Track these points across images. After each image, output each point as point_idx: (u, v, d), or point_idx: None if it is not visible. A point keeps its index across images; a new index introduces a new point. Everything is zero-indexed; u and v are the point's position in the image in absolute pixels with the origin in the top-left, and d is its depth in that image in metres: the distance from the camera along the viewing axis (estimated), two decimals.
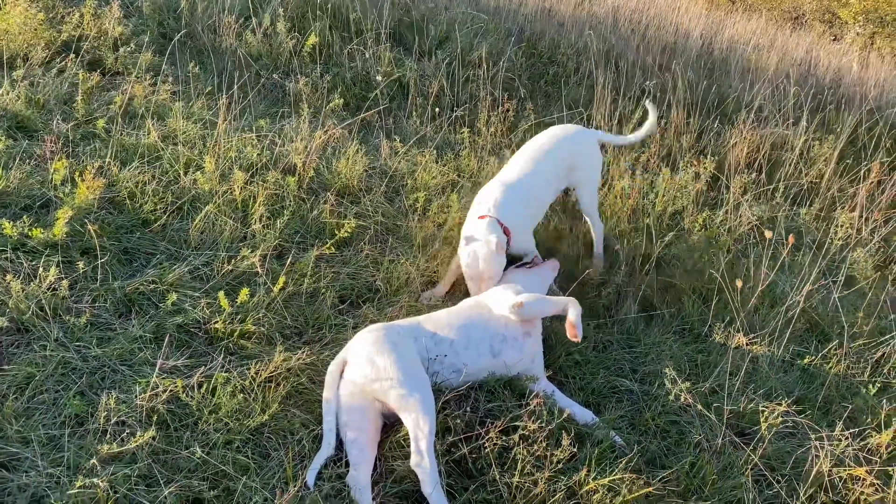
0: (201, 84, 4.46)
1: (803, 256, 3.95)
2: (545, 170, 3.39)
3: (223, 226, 3.28)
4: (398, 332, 2.65)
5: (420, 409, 2.40)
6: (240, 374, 2.60)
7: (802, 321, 3.53)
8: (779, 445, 2.83)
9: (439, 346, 2.70)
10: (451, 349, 2.72)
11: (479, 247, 3.03)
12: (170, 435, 2.36)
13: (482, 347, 2.77)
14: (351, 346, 2.60)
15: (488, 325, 2.82)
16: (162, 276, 2.95)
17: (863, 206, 4.46)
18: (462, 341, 2.75)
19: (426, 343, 2.69)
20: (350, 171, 3.86)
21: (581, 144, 3.58)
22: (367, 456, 2.41)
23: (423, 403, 2.41)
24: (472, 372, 2.73)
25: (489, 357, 2.77)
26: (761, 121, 5.27)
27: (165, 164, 3.57)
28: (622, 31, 7.05)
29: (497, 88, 5.12)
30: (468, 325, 2.80)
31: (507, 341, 2.81)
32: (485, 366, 2.76)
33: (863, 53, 9.04)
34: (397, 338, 2.60)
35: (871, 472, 2.67)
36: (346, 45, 5.23)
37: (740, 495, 2.59)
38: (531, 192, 3.32)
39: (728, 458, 2.71)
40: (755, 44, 7.98)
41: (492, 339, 2.79)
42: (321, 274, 3.18)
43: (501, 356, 2.78)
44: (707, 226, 4.09)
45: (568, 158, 3.48)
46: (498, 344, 2.79)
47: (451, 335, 2.74)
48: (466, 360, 2.71)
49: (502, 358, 2.78)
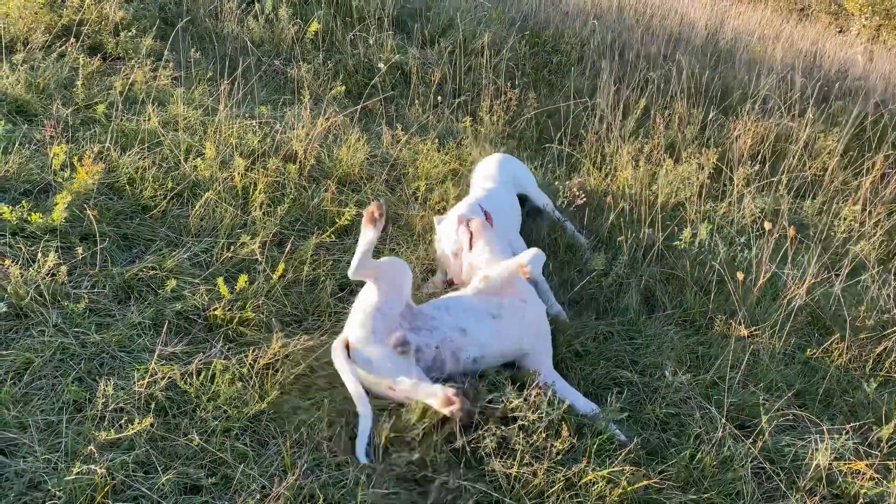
0: (202, 70, 4.43)
1: (806, 249, 3.93)
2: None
3: (223, 213, 3.26)
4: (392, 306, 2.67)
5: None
6: (238, 361, 2.59)
7: (804, 314, 3.51)
8: (779, 438, 2.82)
9: (438, 314, 2.73)
10: (450, 318, 2.74)
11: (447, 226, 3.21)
12: (168, 422, 2.36)
13: (480, 312, 2.78)
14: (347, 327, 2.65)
15: (481, 297, 2.85)
16: (161, 262, 2.94)
17: (866, 199, 4.44)
18: (458, 312, 2.77)
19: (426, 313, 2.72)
20: (351, 159, 3.84)
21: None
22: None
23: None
24: (482, 341, 2.73)
25: (489, 319, 2.77)
26: (766, 112, 5.24)
27: (166, 149, 3.55)
28: (627, 20, 7.00)
29: (500, 77, 5.10)
30: (461, 299, 2.85)
31: (504, 306, 2.82)
32: (489, 330, 2.75)
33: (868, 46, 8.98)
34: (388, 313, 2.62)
35: (871, 467, 2.66)
36: (348, 31, 5.19)
37: (740, 488, 2.58)
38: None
39: (728, 450, 2.70)
40: (760, 35, 7.93)
41: (488, 306, 2.81)
42: (321, 261, 3.17)
43: (503, 319, 2.79)
44: (710, 217, 4.06)
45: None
46: (496, 308, 2.81)
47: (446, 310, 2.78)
48: (468, 324, 2.73)
49: (504, 321, 2.79)
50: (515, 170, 3.95)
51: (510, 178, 3.84)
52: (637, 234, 3.75)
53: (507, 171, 3.85)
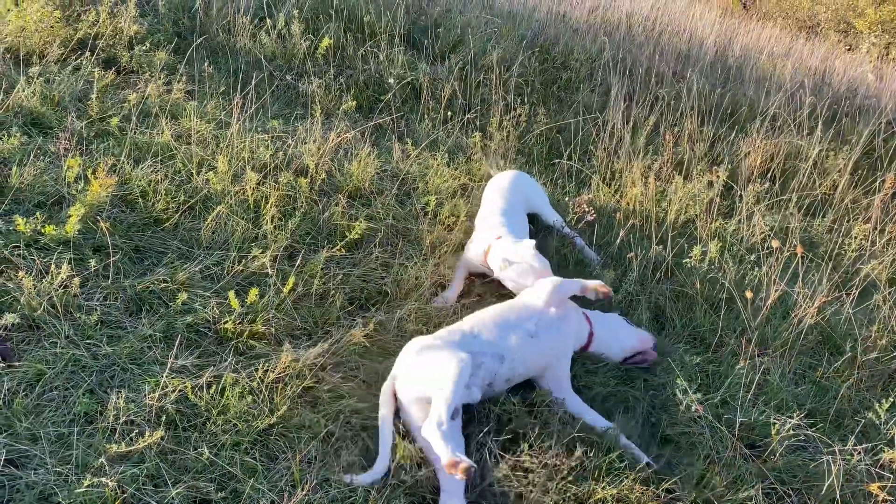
0: (215, 84, 4.47)
1: (816, 268, 3.91)
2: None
3: (235, 226, 3.28)
4: (437, 337, 2.74)
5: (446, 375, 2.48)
6: (248, 374, 2.59)
7: (815, 333, 3.49)
8: (790, 459, 2.80)
9: (477, 338, 2.77)
10: (490, 339, 2.78)
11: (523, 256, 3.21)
12: (178, 435, 2.36)
13: (519, 331, 2.84)
14: (396, 367, 2.69)
15: (521, 312, 2.93)
16: (173, 275, 2.95)
17: (877, 218, 4.43)
18: (499, 330, 2.82)
19: (467, 340, 2.75)
20: (362, 174, 3.85)
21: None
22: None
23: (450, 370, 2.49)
24: (518, 358, 2.78)
25: (527, 338, 2.83)
26: (775, 130, 5.24)
27: (178, 163, 3.57)
28: (636, 37, 7.03)
29: (510, 93, 5.12)
30: (503, 315, 2.91)
31: (542, 323, 2.89)
32: (526, 351, 2.80)
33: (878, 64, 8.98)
34: (436, 342, 2.69)
35: (883, 489, 2.64)
36: (359, 47, 5.23)
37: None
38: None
39: (738, 470, 2.69)
40: (769, 52, 7.94)
41: (527, 322, 2.87)
42: (331, 275, 3.18)
43: (539, 336, 2.85)
44: (720, 235, 4.06)
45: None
46: (533, 326, 2.87)
47: (489, 325, 2.83)
48: (506, 347, 2.77)
49: (541, 338, 2.85)
50: (528, 188, 3.96)
51: (522, 196, 3.85)
52: (647, 251, 3.75)
53: (519, 190, 3.86)
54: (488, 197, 3.84)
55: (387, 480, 2.39)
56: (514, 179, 3.95)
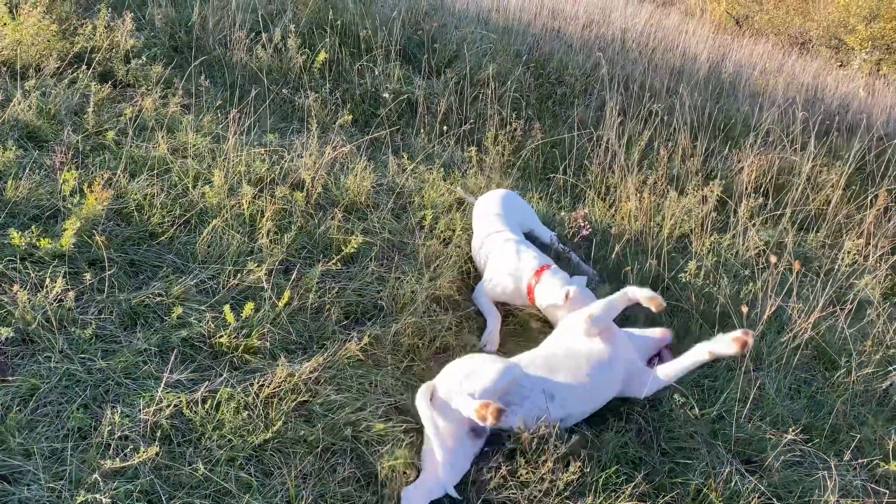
0: (211, 98, 4.48)
1: (811, 283, 3.93)
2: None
3: (230, 240, 3.28)
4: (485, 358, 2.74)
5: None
6: (243, 389, 2.58)
7: (810, 349, 3.50)
8: (786, 474, 2.80)
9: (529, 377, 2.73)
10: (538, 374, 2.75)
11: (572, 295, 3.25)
12: (173, 450, 2.35)
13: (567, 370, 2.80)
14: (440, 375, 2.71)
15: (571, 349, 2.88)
16: (168, 289, 2.94)
17: (870, 233, 4.45)
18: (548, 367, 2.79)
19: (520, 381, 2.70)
20: (358, 188, 3.86)
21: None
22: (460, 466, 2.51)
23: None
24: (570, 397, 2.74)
25: (583, 378, 2.79)
26: (768, 145, 5.28)
27: (174, 176, 3.57)
28: (630, 53, 7.08)
29: (505, 108, 5.14)
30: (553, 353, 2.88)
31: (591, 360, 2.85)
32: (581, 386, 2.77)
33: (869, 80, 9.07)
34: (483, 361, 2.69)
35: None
36: (355, 61, 5.25)
37: None
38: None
39: (735, 485, 2.68)
40: (762, 68, 8.01)
41: (578, 360, 2.83)
42: (326, 289, 3.17)
43: (593, 376, 2.81)
44: (714, 250, 4.08)
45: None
46: (584, 364, 2.82)
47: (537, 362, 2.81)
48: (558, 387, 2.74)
49: (596, 378, 2.81)
50: (519, 206, 3.97)
51: (517, 217, 3.85)
52: (642, 266, 3.75)
53: (513, 210, 3.86)
54: (486, 221, 3.79)
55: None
56: (505, 199, 3.93)
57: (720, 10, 11.96)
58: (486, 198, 3.99)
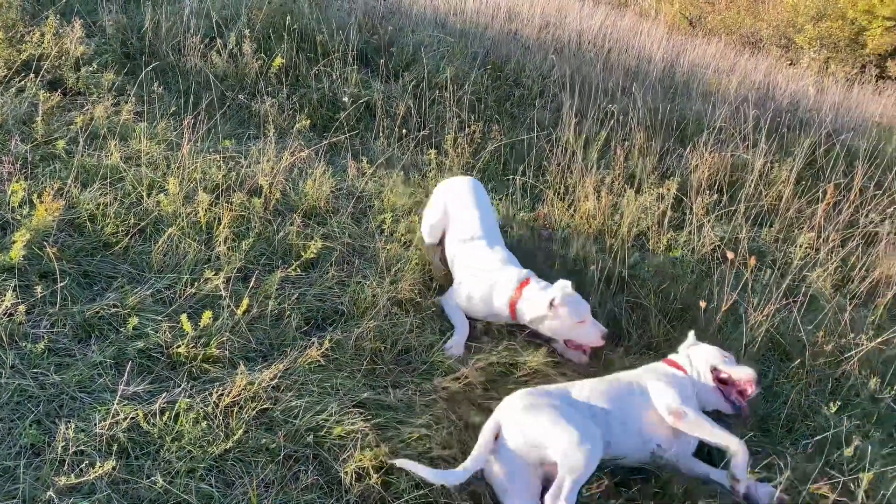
0: (165, 105, 4.41)
1: (765, 276, 4.02)
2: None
3: (187, 248, 3.23)
4: (552, 395, 2.68)
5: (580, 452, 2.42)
6: (203, 399, 2.54)
7: (765, 341, 3.58)
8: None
9: (594, 417, 2.67)
10: (605, 421, 2.68)
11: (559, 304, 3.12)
12: (130, 464, 2.31)
13: (632, 428, 2.73)
14: (503, 412, 2.62)
15: (643, 408, 2.78)
16: (123, 299, 2.89)
17: (820, 226, 4.57)
18: (618, 415, 2.72)
19: (583, 412, 2.66)
20: (317, 193, 3.84)
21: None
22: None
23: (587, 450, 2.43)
24: (620, 451, 2.71)
25: (638, 440, 2.73)
26: (721, 143, 5.39)
27: (128, 185, 3.51)
28: (586, 54, 7.17)
29: (463, 110, 5.16)
30: (625, 401, 2.78)
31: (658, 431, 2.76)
32: (633, 447, 2.73)
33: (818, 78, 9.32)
34: (551, 398, 2.64)
35: (835, 490, 2.70)
36: (312, 66, 5.22)
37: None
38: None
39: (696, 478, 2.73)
40: (715, 67, 8.18)
41: (644, 424, 2.75)
42: (286, 295, 3.15)
43: (651, 443, 2.74)
44: (671, 246, 4.15)
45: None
46: (649, 431, 2.75)
47: (607, 407, 2.72)
48: (615, 438, 2.68)
49: (652, 444, 2.74)
50: (485, 197, 3.78)
51: (490, 215, 3.66)
52: (601, 264, 3.80)
53: (486, 206, 3.67)
54: (461, 220, 3.56)
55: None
56: (474, 189, 3.71)
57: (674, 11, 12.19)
58: (452, 187, 3.73)
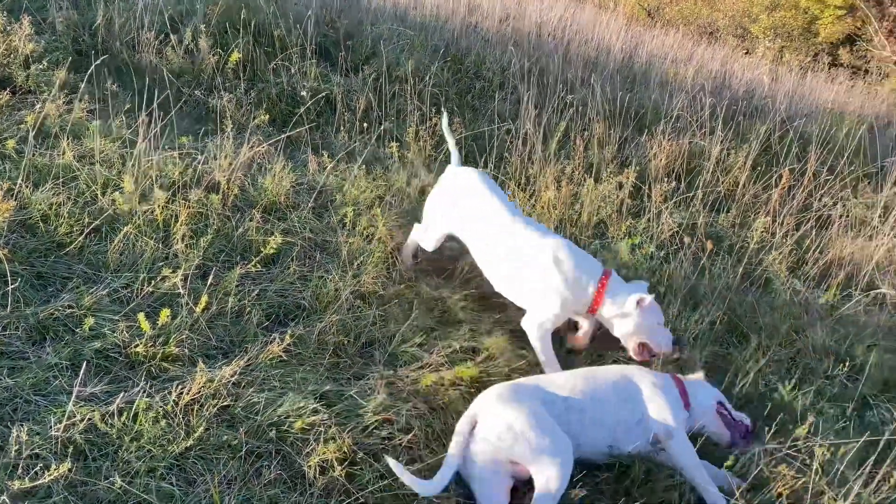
0: (120, 102, 4.33)
1: (723, 261, 4.10)
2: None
3: (144, 246, 3.18)
4: (528, 392, 2.65)
5: (554, 468, 2.42)
6: (162, 398, 2.51)
7: (722, 323, 3.65)
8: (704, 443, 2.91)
9: (569, 413, 2.65)
10: (579, 419, 2.66)
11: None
12: (88, 466, 2.27)
13: (604, 430, 2.70)
14: (480, 405, 2.60)
15: (624, 408, 2.75)
16: (78, 300, 2.84)
17: (776, 210, 4.67)
18: (592, 415, 2.69)
19: (557, 408, 2.64)
20: (277, 188, 3.81)
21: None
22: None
23: (560, 464, 2.44)
24: (587, 451, 2.69)
25: (608, 440, 2.71)
26: (679, 131, 5.46)
27: (82, 184, 3.44)
28: (545, 46, 7.21)
29: (425, 103, 5.16)
30: (604, 400, 2.74)
31: (631, 434, 2.73)
32: (600, 448, 2.72)
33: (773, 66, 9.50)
34: (527, 397, 2.61)
35: (792, 467, 2.76)
36: (270, 61, 5.17)
37: (672, 497, 2.66)
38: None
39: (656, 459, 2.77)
40: (673, 58, 8.28)
41: (618, 425, 2.72)
42: (246, 292, 3.12)
43: (619, 445, 2.72)
44: (630, 234, 4.20)
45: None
46: (622, 433, 2.72)
47: (584, 404, 2.69)
48: (586, 438, 2.66)
49: (619, 446, 2.72)
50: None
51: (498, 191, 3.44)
52: None
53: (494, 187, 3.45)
54: (480, 205, 3.30)
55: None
56: (487, 181, 3.44)
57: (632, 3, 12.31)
58: (460, 179, 3.44)
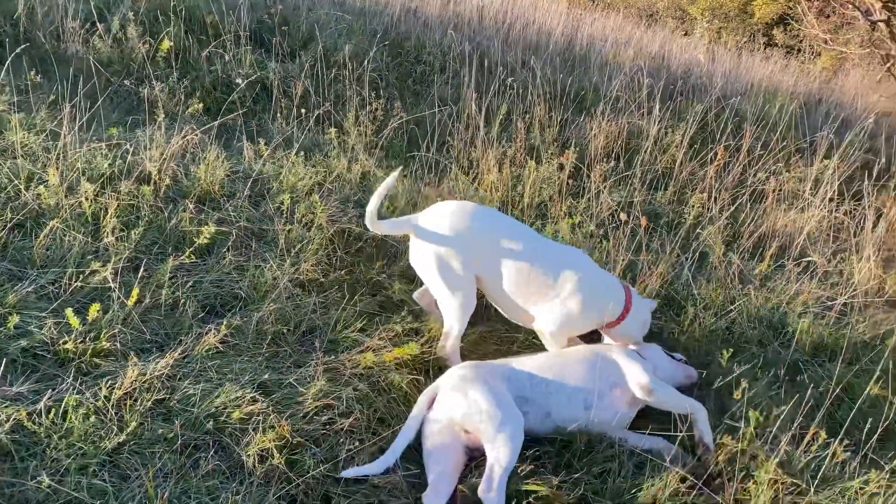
0: (44, 93, 4.18)
1: (660, 237, 4.18)
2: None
3: (72, 241, 3.09)
4: (490, 370, 2.72)
5: (505, 442, 2.46)
6: (93, 394, 2.45)
7: (660, 297, 3.72)
8: (645, 410, 2.96)
9: (534, 387, 2.71)
10: (545, 390, 2.73)
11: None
12: (14, 466, 2.20)
13: (575, 397, 2.75)
14: (442, 380, 2.69)
15: (593, 377, 2.79)
16: (2, 298, 2.74)
17: (711, 187, 4.78)
18: (558, 384, 2.74)
19: (522, 383, 2.71)
20: (210, 177, 3.73)
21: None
22: (446, 487, 2.44)
23: (510, 438, 2.47)
24: (559, 420, 2.73)
25: (580, 409, 2.75)
26: (618, 112, 5.53)
27: (3, 178, 3.32)
28: (487, 30, 7.21)
29: (364, 88, 5.11)
30: (571, 372, 2.80)
31: (604, 400, 2.78)
32: (573, 416, 2.74)
33: (710, 47, 9.69)
34: (489, 375, 2.67)
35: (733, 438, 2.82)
36: (203, 48, 5.06)
37: (611, 465, 2.70)
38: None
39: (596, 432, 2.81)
40: (613, 40, 8.38)
41: (588, 393, 2.76)
42: (180, 284, 3.05)
43: (592, 412, 2.75)
44: (571, 213, 4.24)
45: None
46: (593, 399, 2.76)
47: (548, 374, 2.77)
48: (554, 406, 2.72)
49: (593, 414, 2.75)
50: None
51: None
52: None
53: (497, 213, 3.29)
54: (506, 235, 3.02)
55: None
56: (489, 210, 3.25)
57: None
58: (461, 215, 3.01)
